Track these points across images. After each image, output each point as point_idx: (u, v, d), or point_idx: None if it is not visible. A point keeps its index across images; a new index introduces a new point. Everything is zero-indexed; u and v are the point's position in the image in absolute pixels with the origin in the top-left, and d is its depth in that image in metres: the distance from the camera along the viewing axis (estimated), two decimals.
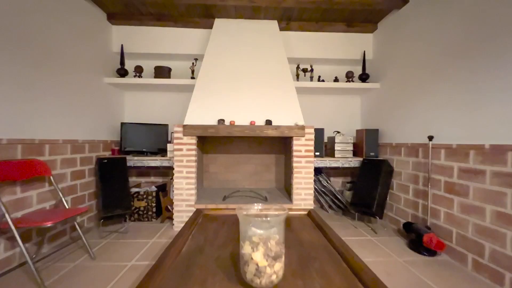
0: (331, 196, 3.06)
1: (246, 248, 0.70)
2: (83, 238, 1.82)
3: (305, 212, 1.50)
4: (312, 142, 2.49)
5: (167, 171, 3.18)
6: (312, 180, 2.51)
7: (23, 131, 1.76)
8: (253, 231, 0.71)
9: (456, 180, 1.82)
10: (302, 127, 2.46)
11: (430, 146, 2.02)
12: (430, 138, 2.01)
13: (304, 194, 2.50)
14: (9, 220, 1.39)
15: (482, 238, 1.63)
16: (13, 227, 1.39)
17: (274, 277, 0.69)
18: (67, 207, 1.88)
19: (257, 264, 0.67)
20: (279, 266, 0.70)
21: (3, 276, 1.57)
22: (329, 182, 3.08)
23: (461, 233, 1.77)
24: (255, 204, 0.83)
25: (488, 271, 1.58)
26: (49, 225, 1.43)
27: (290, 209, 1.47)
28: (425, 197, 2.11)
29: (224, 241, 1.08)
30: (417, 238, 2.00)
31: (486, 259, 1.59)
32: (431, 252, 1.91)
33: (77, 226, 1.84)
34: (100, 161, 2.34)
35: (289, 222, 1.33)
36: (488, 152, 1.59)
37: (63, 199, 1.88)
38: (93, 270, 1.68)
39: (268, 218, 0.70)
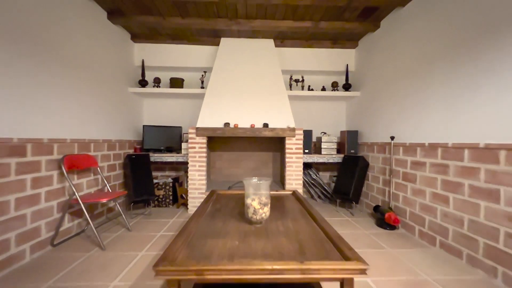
0: (319, 188, 3.60)
1: (248, 200, 1.25)
2: (123, 215, 2.38)
3: (291, 192, 2.05)
4: (301, 142, 3.04)
5: (180, 166, 3.74)
6: (301, 173, 3.06)
7: (77, 133, 2.31)
8: (252, 191, 1.26)
9: (409, 170, 2.37)
10: (293, 129, 3.00)
11: (392, 144, 2.57)
12: (392, 138, 2.55)
13: (294, 184, 3.05)
14: (78, 197, 1.95)
15: (424, 213, 2.17)
16: (80, 202, 1.94)
17: (264, 215, 1.24)
18: (110, 191, 2.43)
19: (254, 208, 1.22)
20: (266, 209, 1.24)
21: (67, 241, 2.12)
22: (318, 175, 3.63)
23: (412, 211, 2.32)
24: (254, 177, 1.37)
25: (427, 237, 2.13)
26: (104, 201, 1.98)
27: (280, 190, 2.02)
28: (390, 185, 2.65)
29: (234, 206, 1.63)
30: (381, 216, 2.55)
31: (426, 228, 2.14)
32: (392, 227, 2.46)
33: (118, 206, 2.40)
34: (129, 156, 2.89)
35: (279, 199, 1.88)
36: (428, 148, 2.14)
37: (107, 185, 2.43)
38: (132, 237, 2.23)
39: (261, 181, 1.25)
